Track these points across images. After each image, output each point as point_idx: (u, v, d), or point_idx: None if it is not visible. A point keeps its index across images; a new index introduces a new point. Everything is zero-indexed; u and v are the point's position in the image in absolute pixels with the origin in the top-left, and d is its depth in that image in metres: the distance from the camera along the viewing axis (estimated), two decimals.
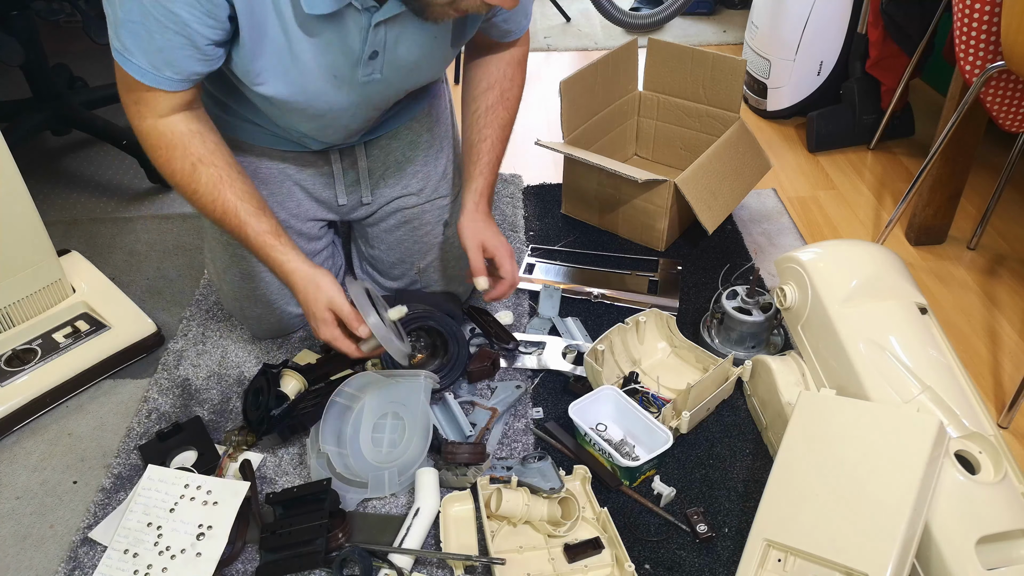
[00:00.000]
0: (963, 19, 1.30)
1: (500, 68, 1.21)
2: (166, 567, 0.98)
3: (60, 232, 1.69)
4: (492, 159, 1.21)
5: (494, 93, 1.21)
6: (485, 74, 1.21)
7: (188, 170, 1.01)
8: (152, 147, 1.01)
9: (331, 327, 1.06)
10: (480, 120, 1.21)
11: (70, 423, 1.24)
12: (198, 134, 1.01)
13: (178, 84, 0.95)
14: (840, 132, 1.97)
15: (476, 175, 1.20)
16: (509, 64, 1.22)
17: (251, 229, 1.05)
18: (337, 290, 1.06)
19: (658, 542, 1.03)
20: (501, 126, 1.22)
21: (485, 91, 1.21)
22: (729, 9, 2.89)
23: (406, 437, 1.11)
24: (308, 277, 1.05)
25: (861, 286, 1.10)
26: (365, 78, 1.03)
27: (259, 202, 1.06)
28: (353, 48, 0.98)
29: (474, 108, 1.22)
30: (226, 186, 1.03)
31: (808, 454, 0.97)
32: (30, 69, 1.82)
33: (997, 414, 1.24)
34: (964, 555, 0.87)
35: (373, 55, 1.00)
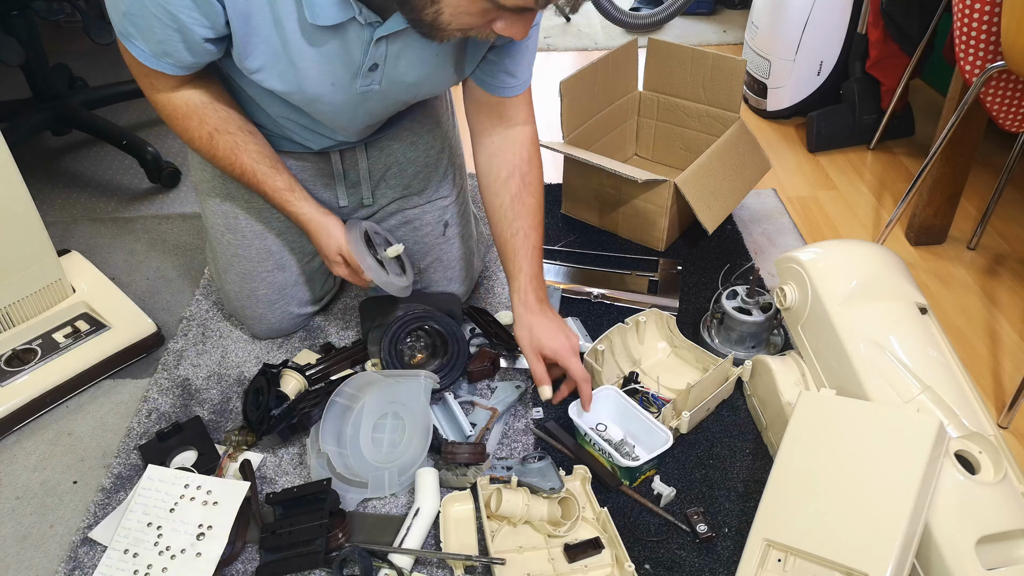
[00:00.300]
0: (963, 19, 1.30)
1: (515, 152, 1.17)
2: (166, 567, 0.98)
3: (60, 232, 1.69)
4: (528, 250, 1.16)
5: (515, 181, 1.17)
6: (502, 163, 1.17)
7: (206, 138, 1.08)
8: (168, 116, 1.08)
9: (342, 267, 1.18)
10: (508, 214, 1.17)
11: (70, 423, 1.24)
12: (210, 104, 1.07)
13: (179, 70, 0.99)
14: (840, 132, 1.97)
15: (516, 273, 1.16)
16: (522, 146, 1.17)
17: (268, 187, 1.13)
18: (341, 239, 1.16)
19: (658, 542, 1.03)
20: (531, 213, 1.17)
21: (506, 181, 1.17)
22: (729, 9, 2.89)
23: (406, 437, 1.11)
24: (320, 225, 1.15)
25: (861, 286, 1.10)
26: (363, 88, 1.03)
27: (272, 160, 1.13)
28: (354, 59, 0.98)
29: (498, 203, 1.17)
30: (241, 151, 1.10)
31: (808, 454, 0.97)
32: (30, 69, 1.82)
33: (997, 414, 1.24)
34: (964, 555, 0.87)
35: (373, 67, 1.00)
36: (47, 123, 1.91)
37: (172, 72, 0.98)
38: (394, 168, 1.28)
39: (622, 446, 1.13)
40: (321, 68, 0.98)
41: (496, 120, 1.17)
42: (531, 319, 1.15)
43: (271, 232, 1.27)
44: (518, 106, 1.16)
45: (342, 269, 1.18)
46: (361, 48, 0.97)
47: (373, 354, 1.27)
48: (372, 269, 1.15)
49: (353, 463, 1.09)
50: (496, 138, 1.18)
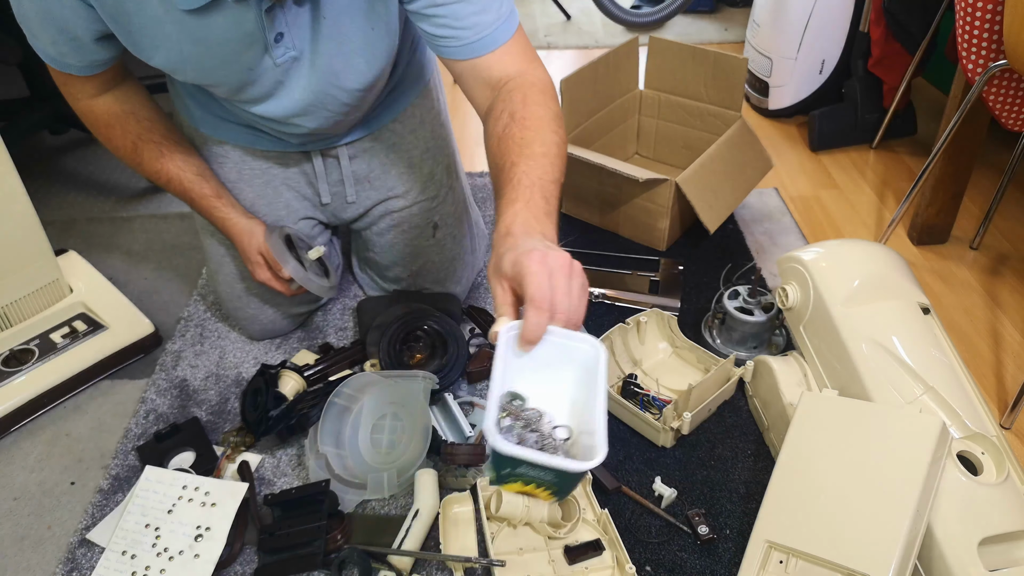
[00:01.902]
0: (965, 18, 1.29)
1: (508, 96, 0.92)
2: (164, 568, 0.97)
3: (57, 232, 1.69)
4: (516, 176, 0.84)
5: (503, 120, 0.90)
6: (493, 109, 0.93)
7: (130, 147, 1.10)
8: (91, 125, 1.08)
9: (263, 270, 1.19)
10: (497, 149, 0.90)
11: (68, 424, 1.23)
12: (131, 114, 1.08)
13: (86, 70, 0.99)
14: (842, 131, 1.97)
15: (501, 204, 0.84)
16: (515, 91, 0.93)
17: (195, 193, 1.15)
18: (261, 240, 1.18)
19: (659, 544, 1.02)
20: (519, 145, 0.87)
21: (495, 121, 0.92)
22: (730, 7, 2.88)
23: (405, 438, 1.11)
24: (243, 228, 1.17)
25: (863, 286, 1.09)
26: (282, 58, 0.96)
27: (199, 167, 1.15)
28: (253, 34, 0.92)
29: (490, 146, 0.93)
30: (167, 159, 1.12)
31: (810, 455, 0.97)
32: (28, 68, 1.82)
33: (1000, 415, 1.23)
34: (967, 556, 0.87)
35: (278, 37, 0.94)
36: (45, 122, 1.90)
37: (80, 74, 0.99)
38: (377, 170, 1.26)
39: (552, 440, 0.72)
40: (224, 53, 0.93)
41: (485, 87, 0.96)
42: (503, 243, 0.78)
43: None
44: (506, 62, 0.94)
45: (263, 272, 1.19)
46: (255, 20, 0.90)
47: (372, 354, 1.26)
48: (291, 267, 1.17)
49: (352, 464, 1.09)
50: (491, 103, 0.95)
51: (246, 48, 0.94)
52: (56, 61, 0.96)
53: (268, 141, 1.18)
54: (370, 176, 1.27)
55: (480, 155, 1.88)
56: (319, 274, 1.25)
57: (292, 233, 1.24)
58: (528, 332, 0.69)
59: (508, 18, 0.94)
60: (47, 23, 0.89)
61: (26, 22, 0.91)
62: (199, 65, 0.95)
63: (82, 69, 0.98)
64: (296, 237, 1.25)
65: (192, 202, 1.16)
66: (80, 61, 0.96)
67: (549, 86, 0.95)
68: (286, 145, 1.20)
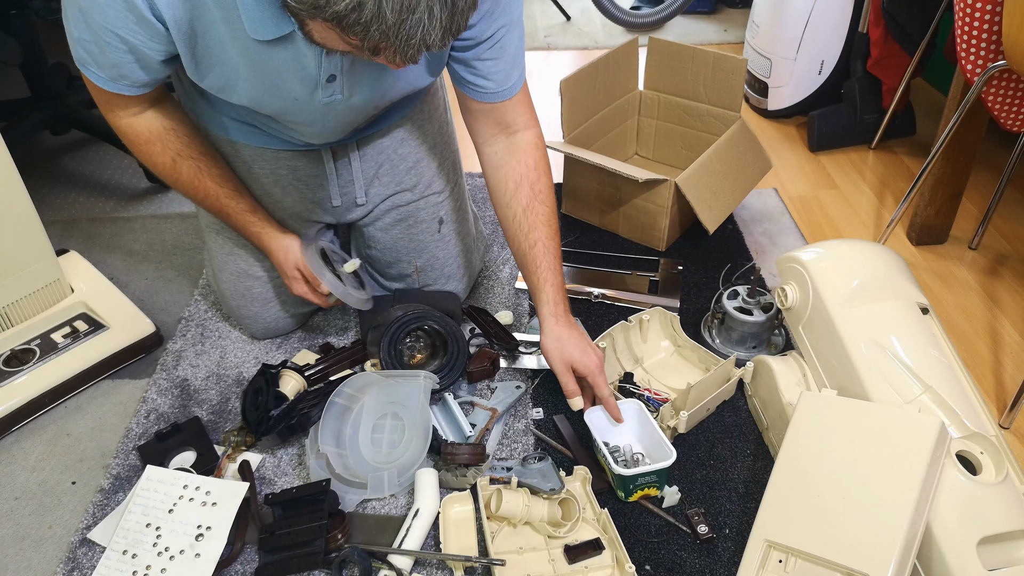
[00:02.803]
0: (964, 18, 1.29)
1: (520, 160, 1.13)
2: (165, 568, 0.97)
3: (59, 232, 1.69)
4: (550, 261, 1.12)
5: (524, 192, 1.12)
6: (508, 174, 1.13)
7: (169, 164, 1.10)
8: (130, 142, 1.09)
9: (300, 284, 1.21)
10: (522, 225, 1.13)
11: (69, 423, 1.24)
12: (172, 130, 1.09)
13: (137, 90, 1.00)
14: (841, 131, 1.97)
15: (542, 286, 1.12)
16: (527, 153, 1.13)
17: (232, 209, 1.16)
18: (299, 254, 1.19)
19: (659, 543, 1.03)
20: (545, 223, 1.13)
21: (515, 192, 1.13)
22: (730, 8, 2.88)
23: (406, 438, 1.11)
24: (280, 243, 1.19)
25: (862, 286, 1.10)
26: (326, 100, 1.02)
27: (235, 184, 1.17)
28: (309, 72, 0.97)
29: (511, 215, 1.14)
30: (205, 175, 1.13)
31: (809, 455, 0.97)
32: (29, 68, 1.82)
33: (999, 414, 1.24)
34: (966, 556, 0.87)
35: (331, 79, 0.99)
36: (46, 122, 1.90)
37: (129, 93, 0.99)
38: (386, 165, 1.27)
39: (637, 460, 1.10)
40: (278, 83, 0.98)
41: (494, 127, 1.13)
42: (560, 331, 1.11)
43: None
44: (515, 110, 1.12)
45: (300, 286, 1.21)
46: (314, 60, 0.95)
47: (372, 354, 1.26)
48: (329, 282, 1.18)
49: (352, 464, 1.09)
50: (499, 148, 1.14)
51: (299, 82, 0.98)
52: (111, 82, 0.97)
53: (278, 141, 1.19)
54: (379, 173, 1.28)
55: None
56: (356, 287, 1.27)
57: (326, 247, 1.25)
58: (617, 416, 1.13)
59: (523, 76, 1.12)
60: (115, 47, 0.91)
61: (85, 45, 0.92)
62: (249, 90, 0.99)
63: (136, 88, 0.99)
64: (330, 250, 1.26)
65: (228, 217, 1.17)
66: (138, 81, 0.97)
67: (544, 143, 1.17)
68: (296, 144, 1.20)
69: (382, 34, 0.73)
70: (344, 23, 0.72)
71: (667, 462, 1.03)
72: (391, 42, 0.74)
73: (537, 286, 1.13)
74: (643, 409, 1.12)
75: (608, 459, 1.05)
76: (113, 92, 0.99)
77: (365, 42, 0.74)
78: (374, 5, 0.70)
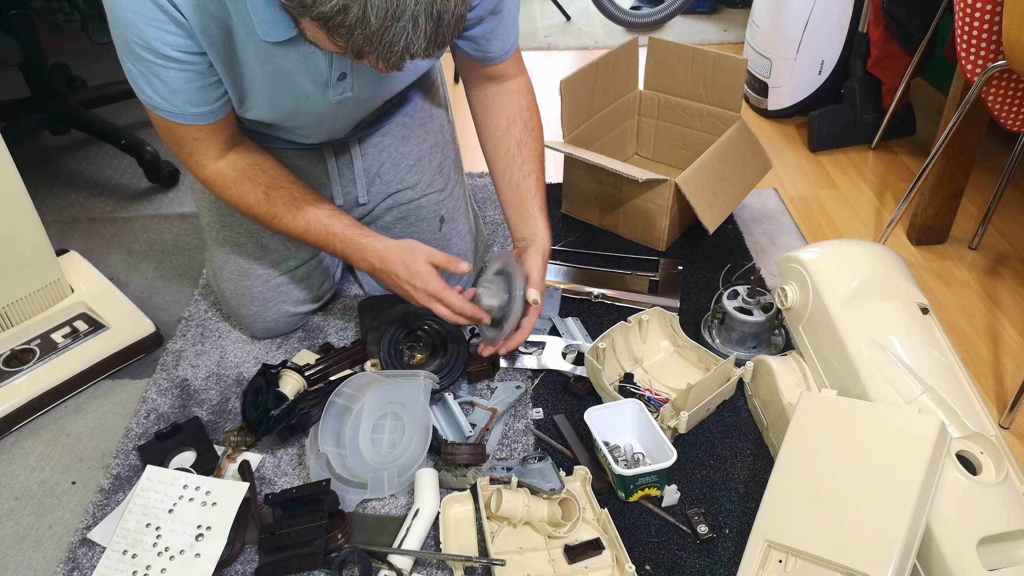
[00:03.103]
0: (964, 18, 1.29)
1: (514, 100, 1.18)
2: (165, 568, 0.97)
3: (59, 232, 1.69)
4: (543, 194, 1.18)
5: (518, 127, 1.18)
6: (502, 111, 1.18)
7: (262, 197, 1.08)
8: (220, 189, 1.09)
9: (435, 280, 1.09)
10: (516, 158, 1.17)
11: (69, 423, 1.24)
12: (256, 165, 1.09)
13: (210, 116, 1.00)
14: (841, 131, 1.97)
15: (537, 213, 1.17)
16: (520, 94, 1.18)
17: (337, 228, 1.11)
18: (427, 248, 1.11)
19: (659, 543, 1.03)
20: (538, 158, 1.18)
21: (508, 127, 1.18)
22: (730, 8, 2.88)
23: (405, 438, 1.11)
24: (400, 245, 1.10)
25: (862, 286, 1.10)
26: (337, 98, 1.03)
27: (330, 205, 1.13)
28: (320, 71, 0.98)
29: (504, 148, 1.18)
30: (300, 201, 1.10)
31: (809, 455, 0.97)
32: (29, 68, 1.82)
33: (999, 414, 1.24)
34: (966, 556, 0.87)
35: (341, 76, 1.00)
36: (46, 123, 1.90)
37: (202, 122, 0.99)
38: (387, 164, 1.27)
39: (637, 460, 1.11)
40: (290, 84, 0.99)
41: (485, 79, 1.18)
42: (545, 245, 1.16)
43: (266, 231, 1.26)
44: (507, 66, 1.17)
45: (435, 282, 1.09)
46: (325, 59, 0.97)
47: (372, 354, 1.26)
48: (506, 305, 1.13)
49: (352, 464, 1.09)
50: (489, 91, 1.19)
51: (310, 82, 0.99)
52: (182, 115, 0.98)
53: (280, 140, 1.19)
54: (381, 171, 1.28)
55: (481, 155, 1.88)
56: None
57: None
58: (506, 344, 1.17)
59: (518, 35, 1.14)
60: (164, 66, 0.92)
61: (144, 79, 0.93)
62: (265, 94, 1.00)
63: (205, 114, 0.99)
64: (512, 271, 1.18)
65: (335, 237, 1.11)
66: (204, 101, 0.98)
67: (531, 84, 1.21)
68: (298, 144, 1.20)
69: (366, 39, 0.74)
70: (330, 24, 0.74)
71: (667, 462, 1.03)
72: (374, 47, 0.75)
73: (532, 212, 1.17)
74: (643, 409, 1.12)
75: (608, 459, 1.05)
76: (194, 136, 1.00)
77: (349, 44, 0.75)
78: (359, 9, 0.71)
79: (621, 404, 1.13)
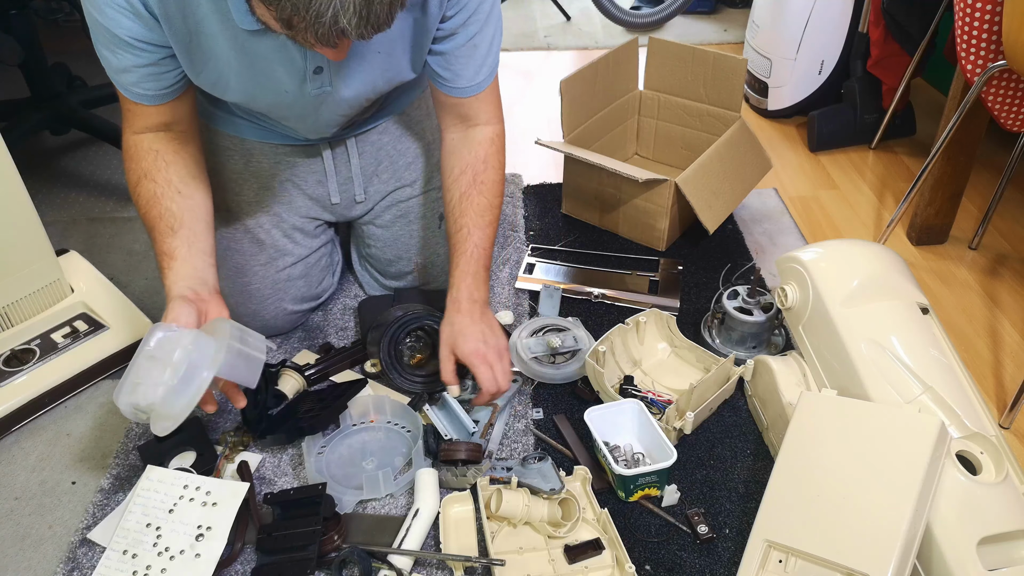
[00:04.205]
0: (964, 18, 1.29)
1: (470, 151, 1.15)
2: (165, 568, 0.97)
3: (59, 232, 1.69)
4: (469, 247, 1.13)
5: (466, 179, 1.14)
6: (456, 161, 1.15)
7: (134, 181, 1.06)
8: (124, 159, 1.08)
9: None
10: (454, 211, 1.15)
11: (69, 423, 1.24)
12: (157, 153, 1.05)
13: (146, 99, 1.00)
14: (841, 131, 1.97)
15: (452, 270, 1.15)
16: (480, 145, 1.15)
17: (156, 246, 1.04)
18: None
19: (659, 543, 1.03)
20: (477, 212, 1.14)
21: (457, 178, 1.15)
22: (730, 8, 2.88)
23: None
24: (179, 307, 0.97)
25: (862, 286, 1.10)
26: (316, 92, 1.03)
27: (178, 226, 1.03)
28: (296, 64, 0.98)
29: (449, 198, 1.16)
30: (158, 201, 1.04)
31: (809, 455, 0.97)
32: (29, 68, 1.82)
33: (999, 414, 1.24)
34: (966, 556, 0.87)
35: (318, 70, 1.00)
36: (46, 123, 1.90)
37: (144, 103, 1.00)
38: (385, 162, 1.27)
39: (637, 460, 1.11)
40: (267, 74, 0.98)
41: (456, 119, 1.16)
42: (455, 317, 1.12)
43: (262, 226, 1.26)
44: (479, 107, 1.14)
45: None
46: (299, 51, 0.96)
47: (372, 354, 1.26)
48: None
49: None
50: (455, 135, 1.17)
51: (287, 74, 0.99)
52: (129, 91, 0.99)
53: (277, 135, 1.19)
54: (379, 169, 1.28)
55: None
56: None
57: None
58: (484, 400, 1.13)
59: (492, 74, 1.12)
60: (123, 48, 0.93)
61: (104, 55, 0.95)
62: (241, 84, 0.99)
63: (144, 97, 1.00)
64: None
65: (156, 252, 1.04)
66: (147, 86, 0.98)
67: (503, 140, 1.18)
68: (295, 140, 1.20)
69: (292, 6, 0.73)
70: None
71: (668, 462, 1.03)
72: (302, 17, 0.74)
73: (452, 273, 1.15)
74: (643, 409, 1.12)
75: (608, 459, 1.05)
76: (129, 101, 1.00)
77: (279, 13, 0.75)
78: None
79: (621, 404, 1.13)
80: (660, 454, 1.06)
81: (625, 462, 1.09)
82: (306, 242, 1.30)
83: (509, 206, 1.72)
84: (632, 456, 1.11)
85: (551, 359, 1.26)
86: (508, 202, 1.74)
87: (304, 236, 1.29)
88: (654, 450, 1.09)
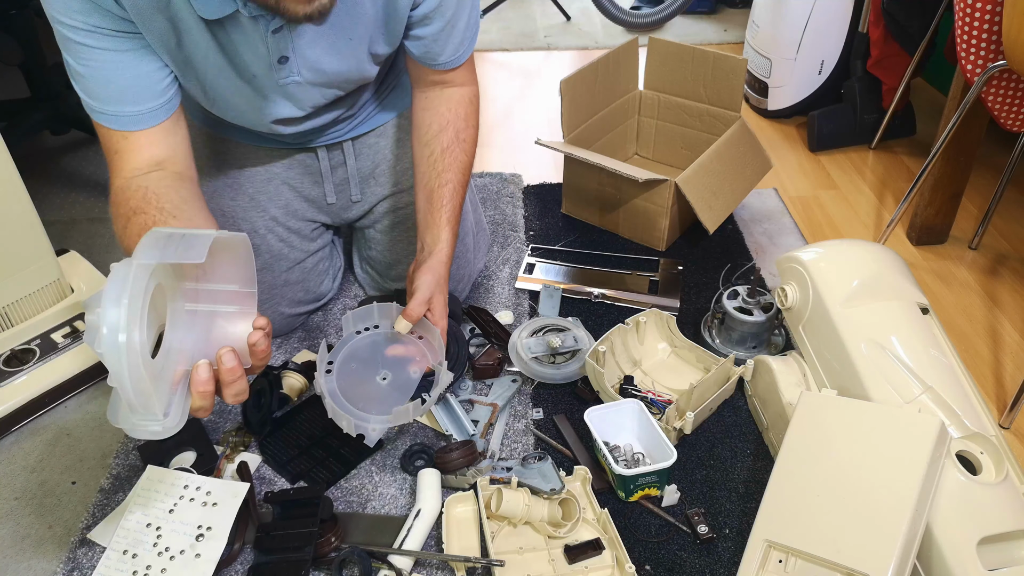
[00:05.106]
0: (964, 18, 1.29)
1: (452, 108, 1.13)
2: (165, 568, 0.97)
3: (59, 232, 1.69)
4: (455, 206, 1.11)
5: (448, 134, 1.12)
6: (436, 116, 1.13)
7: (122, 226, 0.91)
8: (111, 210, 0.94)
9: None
10: (437, 164, 1.11)
11: (69, 423, 1.24)
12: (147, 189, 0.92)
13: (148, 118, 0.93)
14: (841, 131, 1.97)
15: (443, 223, 1.10)
16: (460, 103, 1.13)
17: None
18: None
19: (659, 543, 1.03)
20: (461, 170, 1.12)
21: (438, 133, 1.12)
22: (730, 8, 2.88)
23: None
24: None
25: (862, 286, 1.10)
26: (284, 81, 1.00)
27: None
28: (260, 53, 0.96)
29: (428, 152, 1.12)
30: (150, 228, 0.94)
31: (809, 455, 0.97)
32: (29, 68, 1.82)
33: (999, 414, 1.24)
34: (966, 556, 0.87)
35: (282, 59, 0.98)
36: (46, 122, 1.90)
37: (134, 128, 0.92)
38: (383, 164, 1.27)
39: (637, 460, 1.11)
40: (235, 61, 0.96)
41: (432, 83, 1.14)
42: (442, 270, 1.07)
43: (256, 231, 1.26)
44: (457, 73, 1.13)
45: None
46: (261, 40, 0.94)
47: None
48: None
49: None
50: (432, 93, 1.15)
51: (254, 61, 0.97)
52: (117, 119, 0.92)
53: (271, 139, 1.18)
54: (375, 172, 1.27)
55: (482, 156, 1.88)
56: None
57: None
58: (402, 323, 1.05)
59: (472, 45, 1.11)
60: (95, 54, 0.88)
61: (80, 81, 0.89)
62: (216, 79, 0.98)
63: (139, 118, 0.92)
64: None
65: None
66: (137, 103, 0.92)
67: (479, 101, 1.18)
68: (290, 144, 1.20)
69: None
70: None
71: (668, 462, 1.03)
72: None
73: (437, 222, 1.09)
74: (643, 409, 1.12)
75: (608, 459, 1.05)
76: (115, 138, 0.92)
77: None
78: None
79: (621, 404, 1.13)
80: (660, 454, 1.07)
81: (625, 462, 1.09)
82: (303, 245, 1.29)
83: (509, 206, 1.72)
84: (632, 456, 1.11)
85: (551, 359, 1.27)
86: (508, 202, 1.74)
87: (301, 239, 1.29)
88: (654, 450, 1.09)
